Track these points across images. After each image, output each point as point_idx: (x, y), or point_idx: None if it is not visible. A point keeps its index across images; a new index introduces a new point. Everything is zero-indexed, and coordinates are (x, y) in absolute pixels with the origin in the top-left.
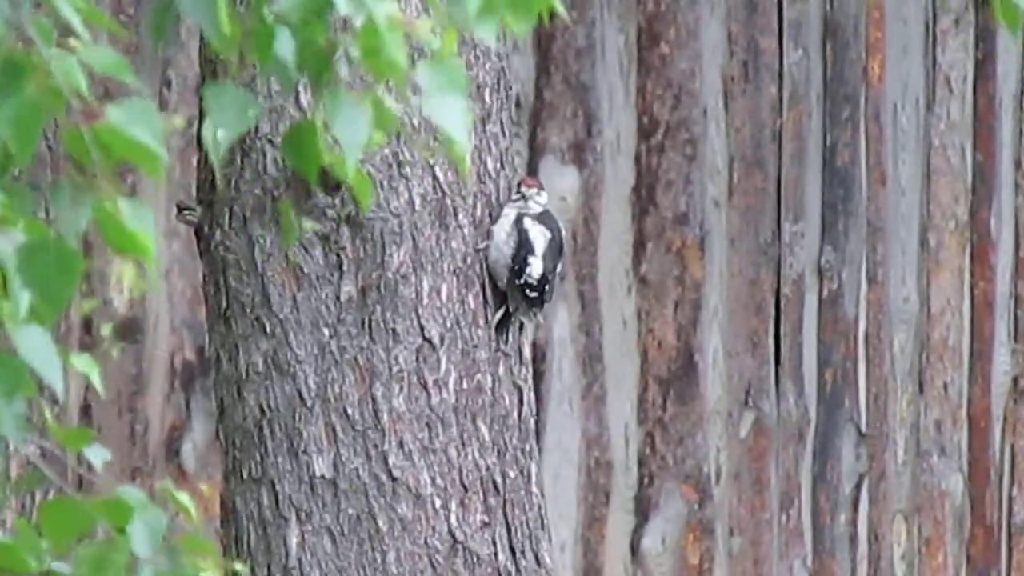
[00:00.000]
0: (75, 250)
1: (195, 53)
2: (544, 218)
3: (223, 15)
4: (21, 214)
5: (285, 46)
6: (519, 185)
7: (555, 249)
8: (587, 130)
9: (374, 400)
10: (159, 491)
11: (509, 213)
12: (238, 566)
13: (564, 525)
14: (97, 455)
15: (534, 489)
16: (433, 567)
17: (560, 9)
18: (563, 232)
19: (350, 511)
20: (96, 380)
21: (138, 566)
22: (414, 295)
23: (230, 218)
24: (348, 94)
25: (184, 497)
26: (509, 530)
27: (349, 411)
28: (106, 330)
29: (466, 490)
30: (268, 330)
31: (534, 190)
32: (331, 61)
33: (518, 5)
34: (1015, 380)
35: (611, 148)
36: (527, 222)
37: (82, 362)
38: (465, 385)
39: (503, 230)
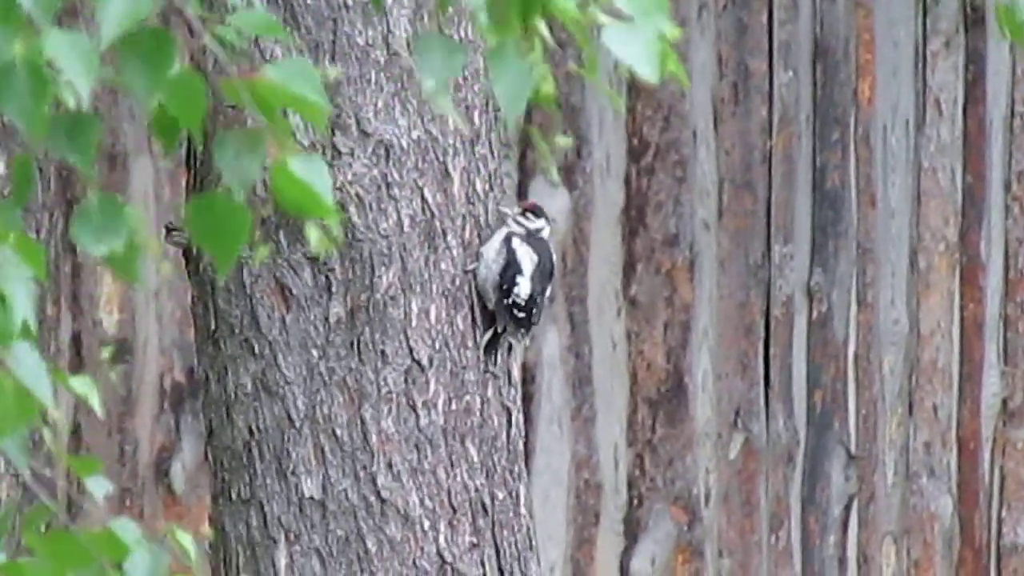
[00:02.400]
0: (242, 204)
1: None
2: (533, 241)
3: None
4: (11, 229)
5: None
6: (523, 212)
7: (544, 272)
8: (577, 152)
9: (363, 421)
10: (163, 531)
11: (499, 232)
12: None
13: (553, 547)
14: (99, 486)
15: (523, 510)
16: None
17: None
18: (553, 257)
19: (339, 532)
20: (95, 402)
21: None
22: (403, 316)
23: None
24: (514, 49)
25: (186, 539)
26: (498, 552)
27: (338, 432)
28: (106, 352)
29: (455, 511)
30: (257, 351)
31: (531, 216)
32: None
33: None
34: (1004, 402)
35: (601, 170)
36: (515, 242)
37: (79, 384)
38: (454, 406)
39: (492, 248)
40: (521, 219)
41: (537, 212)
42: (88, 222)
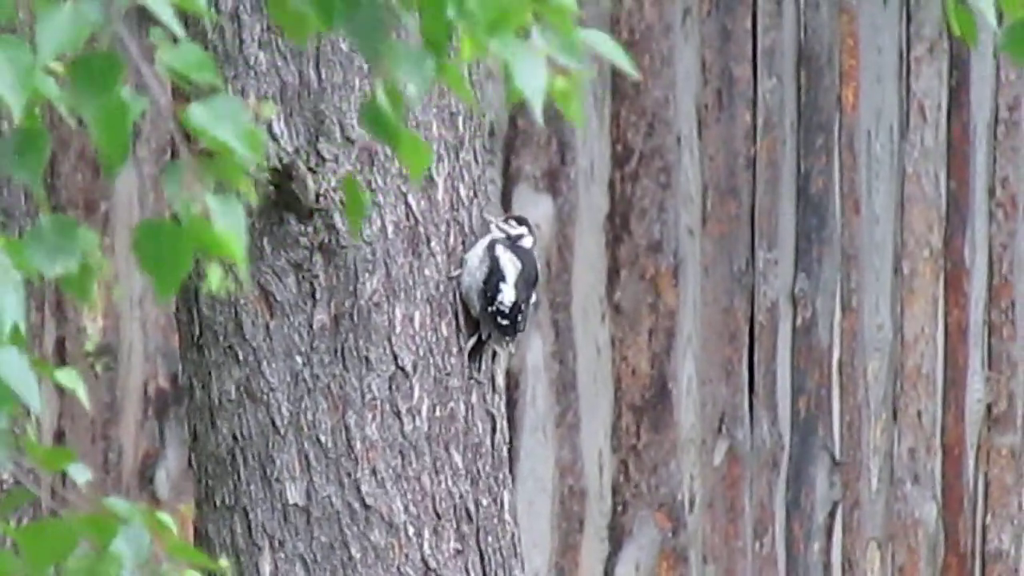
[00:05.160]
0: (187, 232)
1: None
2: (517, 248)
3: None
4: None
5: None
6: (506, 219)
7: (528, 280)
8: (561, 158)
9: (347, 428)
10: (139, 512)
11: (483, 239)
12: (223, 562)
13: (538, 553)
14: (79, 473)
15: (507, 517)
16: None
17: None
18: (537, 264)
19: (323, 539)
20: (81, 394)
21: None
22: (387, 323)
23: None
24: (522, 44)
25: (165, 516)
26: (482, 558)
27: (322, 439)
28: (90, 345)
29: (439, 518)
30: (241, 358)
31: (520, 227)
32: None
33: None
34: (989, 408)
35: (585, 176)
36: (499, 249)
37: (66, 376)
38: (438, 413)
39: (476, 256)
40: (503, 225)
41: (520, 220)
42: (41, 243)
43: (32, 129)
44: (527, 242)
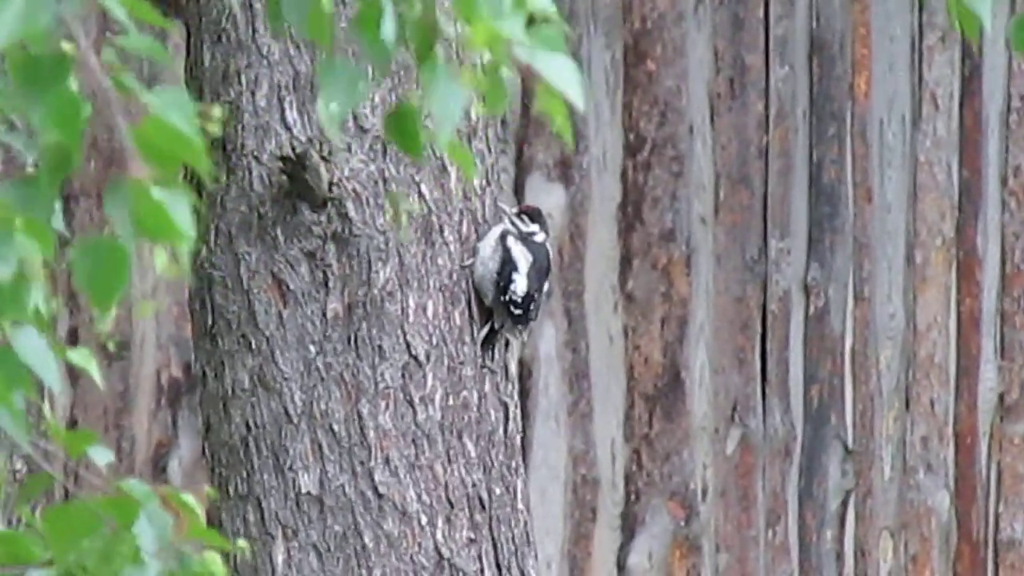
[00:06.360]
0: (125, 248)
1: (180, 70)
2: (529, 243)
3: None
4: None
5: (389, 26)
6: (519, 213)
7: (540, 270)
8: (573, 147)
9: (360, 417)
10: (163, 494)
11: (495, 229)
12: (241, 543)
13: (550, 542)
14: (101, 455)
15: (520, 506)
16: None
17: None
18: (550, 254)
19: (336, 528)
20: (95, 373)
21: (144, 561)
22: (400, 312)
23: (216, 235)
24: (445, 69)
25: (189, 498)
26: (495, 547)
27: (335, 428)
28: (103, 326)
29: (452, 507)
30: (254, 347)
31: (526, 219)
32: (434, 38)
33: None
34: (1001, 397)
35: (597, 165)
36: (511, 240)
37: (79, 356)
38: (451, 402)
39: (488, 246)
40: (516, 221)
41: (533, 216)
42: None
43: None
44: (539, 239)
